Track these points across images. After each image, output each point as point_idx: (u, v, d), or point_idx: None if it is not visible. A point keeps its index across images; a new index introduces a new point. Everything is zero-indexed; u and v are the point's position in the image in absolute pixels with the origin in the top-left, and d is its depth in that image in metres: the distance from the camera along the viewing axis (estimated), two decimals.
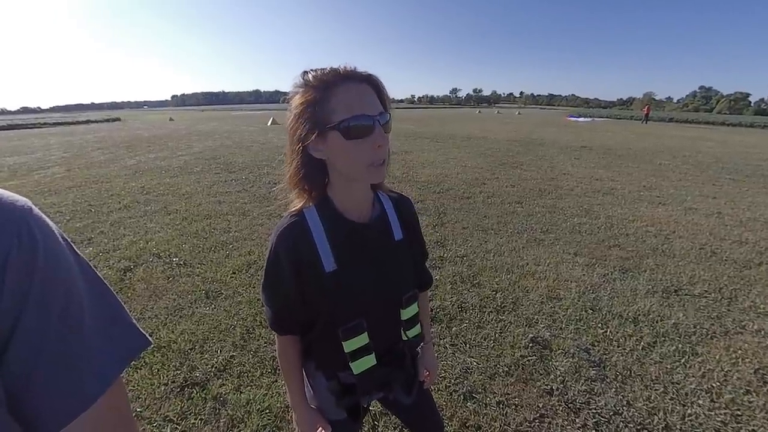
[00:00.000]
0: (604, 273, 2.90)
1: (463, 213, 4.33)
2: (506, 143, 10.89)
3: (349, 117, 0.56)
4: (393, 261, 0.73)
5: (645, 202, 4.88)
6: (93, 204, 4.69)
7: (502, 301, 2.49)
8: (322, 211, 0.66)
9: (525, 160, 7.90)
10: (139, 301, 2.47)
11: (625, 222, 4.09)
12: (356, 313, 0.69)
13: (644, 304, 2.46)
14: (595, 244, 3.47)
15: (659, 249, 3.37)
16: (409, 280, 0.77)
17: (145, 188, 5.47)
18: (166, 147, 10.21)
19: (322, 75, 0.58)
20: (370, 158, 0.59)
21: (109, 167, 7.24)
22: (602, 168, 7.22)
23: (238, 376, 1.79)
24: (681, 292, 2.62)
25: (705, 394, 1.70)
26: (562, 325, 2.24)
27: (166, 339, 2.06)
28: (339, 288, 0.66)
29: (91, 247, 3.34)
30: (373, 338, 0.70)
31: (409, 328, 0.78)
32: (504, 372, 1.84)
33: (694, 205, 4.75)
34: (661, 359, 1.94)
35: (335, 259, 0.66)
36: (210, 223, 3.93)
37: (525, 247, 3.39)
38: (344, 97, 0.57)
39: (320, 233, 0.65)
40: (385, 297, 0.73)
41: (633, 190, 5.54)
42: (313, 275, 0.66)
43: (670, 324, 2.24)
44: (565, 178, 6.22)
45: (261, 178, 6.02)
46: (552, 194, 5.21)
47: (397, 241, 0.74)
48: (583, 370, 1.86)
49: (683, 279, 2.80)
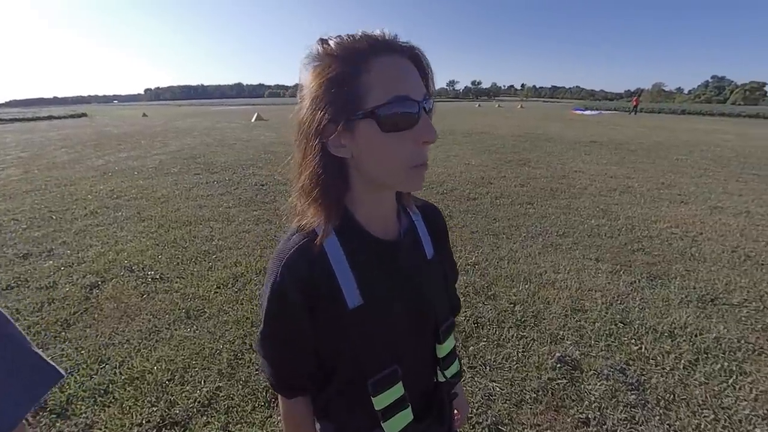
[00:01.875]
0: (630, 281, 2.83)
1: (471, 216, 4.25)
2: (510, 139, 10.90)
3: (389, 101, 0.45)
4: (428, 285, 0.62)
5: (666, 201, 4.86)
6: (54, 210, 4.50)
7: (522, 314, 2.40)
8: (342, 228, 0.54)
9: (532, 157, 7.88)
10: (107, 323, 2.32)
11: (647, 223, 4.05)
12: (388, 358, 0.57)
13: (679, 315, 2.39)
14: (617, 249, 3.41)
15: (688, 253, 3.32)
16: (445, 307, 0.66)
17: (114, 192, 5.28)
18: (139, 145, 9.98)
19: (351, 43, 0.46)
20: (412, 158, 0.48)
21: (74, 168, 7.01)
22: (615, 164, 7.23)
23: (225, 411, 1.66)
24: (718, 301, 2.56)
25: (762, 420, 1.62)
26: (591, 342, 2.15)
27: (139, 369, 1.92)
28: (366, 327, 0.55)
29: (51, 260, 3.17)
30: (408, 387, 0.58)
31: (447, 366, 0.66)
32: (531, 398, 1.74)
33: (720, 204, 4.74)
34: (707, 380, 1.86)
35: (360, 291, 0.54)
36: (190, 231, 3.77)
37: (541, 253, 3.31)
38: (382, 75, 0.45)
39: (340, 258, 0.53)
40: (421, 330, 0.62)
41: (651, 187, 5.53)
42: (333, 315, 0.54)
43: (711, 338, 2.17)
44: (577, 176, 6.20)
45: (246, 179, 5.87)
46: (565, 194, 5.17)
47: (429, 259, 0.63)
48: (620, 394, 1.77)
49: (718, 286, 2.74)
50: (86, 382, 1.84)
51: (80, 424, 1.61)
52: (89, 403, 1.72)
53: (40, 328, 2.28)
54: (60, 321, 2.34)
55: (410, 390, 0.59)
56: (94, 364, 1.97)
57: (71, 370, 1.92)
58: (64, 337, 2.20)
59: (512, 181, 5.82)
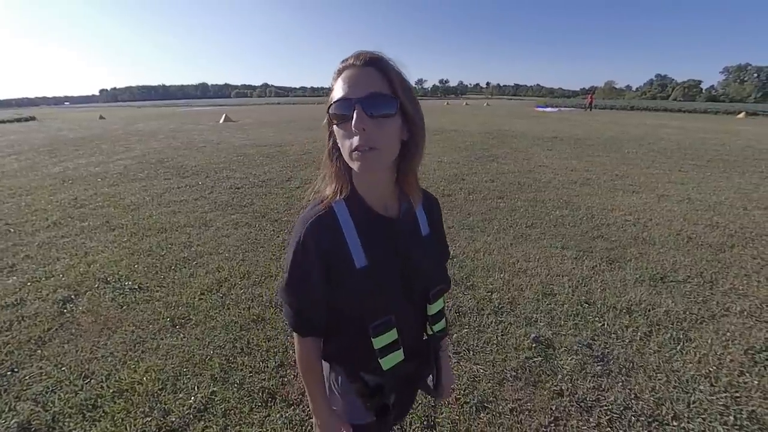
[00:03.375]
0: (592, 265, 3.08)
1: (447, 211, 4.40)
2: (479, 136, 11.26)
3: (333, 103, 0.60)
4: (422, 256, 0.75)
5: (620, 191, 5.27)
6: (11, 222, 4.18)
7: (499, 301, 2.56)
8: (351, 203, 0.68)
9: (500, 153, 8.22)
10: (87, 337, 2.22)
11: (604, 212, 4.39)
12: (386, 310, 0.70)
13: (635, 293, 2.65)
14: (579, 236, 3.68)
15: (640, 237, 3.65)
16: (436, 275, 0.80)
17: (78, 200, 4.97)
18: (99, 150, 9.36)
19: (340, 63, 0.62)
20: (352, 143, 0.59)
21: (28, 176, 6.49)
22: (575, 158, 7.70)
23: (223, 414, 1.67)
24: (666, 279, 2.85)
25: (704, 379, 1.85)
26: (561, 322, 2.34)
27: (128, 381, 1.87)
28: (370, 285, 0.68)
29: (14, 276, 2.97)
30: (401, 333, 0.72)
31: (434, 323, 0.80)
32: (512, 377, 1.89)
33: (666, 192, 5.21)
34: (659, 348, 2.09)
35: (366, 254, 0.67)
36: (166, 238, 3.65)
37: (513, 244, 3.51)
38: (337, 84, 0.60)
39: (350, 227, 0.67)
40: (414, 292, 0.75)
41: (607, 179, 5.96)
42: (343, 271, 0.67)
43: (661, 312, 2.42)
44: (542, 170, 6.55)
45: (220, 183, 5.71)
46: (531, 187, 5.46)
47: (424, 236, 0.77)
48: (588, 366, 1.96)
49: (666, 266, 3.05)
50: (71, 399, 1.77)
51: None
52: (78, 419, 1.67)
53: (12, 347, 2.15)
54: (33, 339, 2.22)
55: (402, 336, 0.73)
56: (78, 380, 1.89)
57: (54, 388, 1.84)
58: (41, 354, 2.09)
59: (483, 176, 6.06)
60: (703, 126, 16.26)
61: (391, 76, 0.59)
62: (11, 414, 1.70)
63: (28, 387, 1.86)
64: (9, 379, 1.91)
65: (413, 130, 0.64)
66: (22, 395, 1.81)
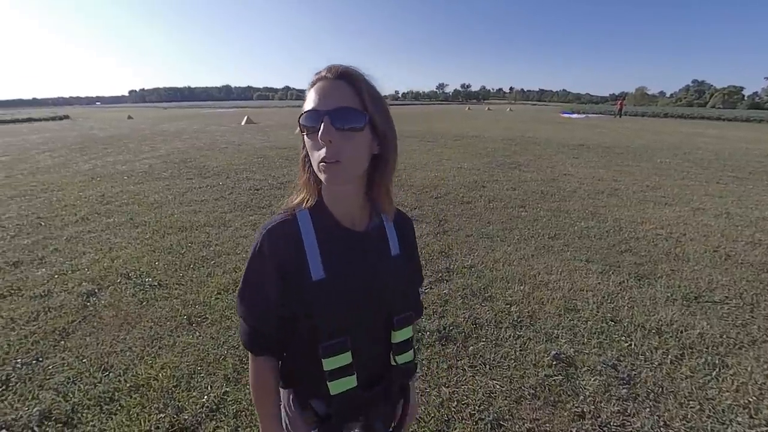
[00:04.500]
0: (619, 281, 2.96)
1: (465, 219, 4.35)
2: (501, 142, 11.12)
3: (303, 114, 0.60)
4: (387, 275, 0.71)
5: (651, 203, 5.06)
6: (43, 216, 4.43)
7: (518, 315, 2.50)
8: (316, 213, 0.67)
9: (523, 161, 8.07)
10: (108, 331, 2.32)
11: (633, 225, 4.22)
12: (340, 329, 0.66)
13: (666, 313, 2.52)
14: (606, 250, 3.55)
15: (672, 253, 3.48)
16: (403, 299, 0.75)
17: (105, 197, 5.22)
18: (127, 149, 9.83)
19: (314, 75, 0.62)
20: (321, 154, 0.59)
21: (60, 172, 6.89)
22: (602, 167, 7.47)
23: (234, 415, 1.69)
24: (701, 299, 2.70)
25: (743, 410, 1.74)
26: (584, 339, 2.26)
27: (144, 376, 1.93)
28: (324, 299, 0.65)
29: (43, 268, 3.14)
30: (357, 357, 0.68)
31: (399, 353, 0.75)
32: (530, 395, 1.83)
33: (702, 206, 4.96)
34: (692, 373, 1.98)
35: (324, 266, 0.65)
36: (186, 237, 3.77)
37: (534, 255, 3.43)
38: (309, 96, 0.61)
39: (311, 236, 0.65)
40: (375, 315, 0.71)
41: (637, 190, 5.74)
42: (298, 283, 0.64)
43: (695, 334, 2.30)
44: (567, 179, 6.39)
45: (240, 184, 5.86)
46: (555, 196, 5.33)
47: (393, 255, 0.73)
48: (612, 388, 1.87)
49: (701, 285, 2.90)
50: (90, 391, 1.85)
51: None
52: (95, 411, 1.73)
53: (38, 337, 2.26)
54: (58, 330, 2.34)
55: (359, 361, 0.68)
56: (98, 372, 1.97)
57: (75, 379, 1.93)
58: (64, 346, 2.20)
59: (504, 184, 5.97)
60: (745, 135, 15.44)
61: (361, 90, 0.60)
62: (34, 402, 1.79)
63: (50, 377, 1.95)
64: (34, 368, 2.01)
65: (384, 144, 0.63)
66: (45, 384, 1.90)
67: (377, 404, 0.76)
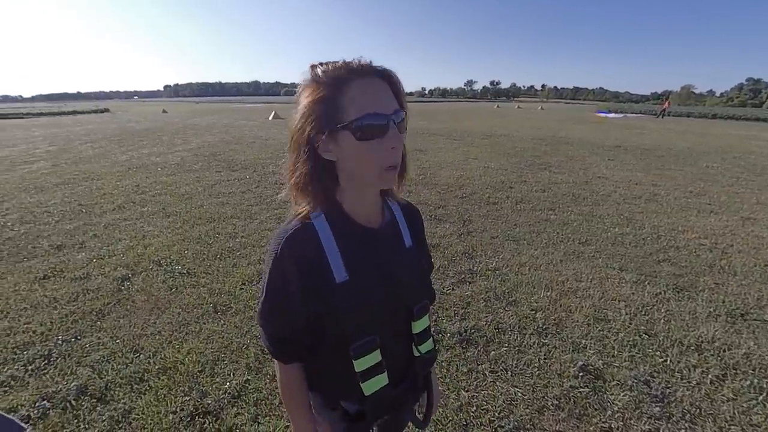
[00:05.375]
0: (656, 292, 2.81)
1: (491, 221, 4.26)
2: (531, 142, 10.79)
3: (361, 116, 0.56)
4: (404, 268, 0.72)
5: (694, 211, 4.76)
6: (84, 204, 4.74)
7: (543, 322, 2.42)
8: (331, 215, 0.65)
9: (554, 161, 7.80)
10: (139, 315, 2.46)
11: (673, 233, 3.98)
12: (369, 327, 0.67)
13: (707, 329, 2.37)
14: (642, 258, 3.37)
15: (717, 265, 3.26)
16: (420, 289, 0.77)
17: (139, 187, 5.52)
18: (161, 141, 10.34)
19: (334, 70, 0.58)
20: (383, 161, 0.59)
21: (99, 163, 7.34)
22: (641, 171, 7.09)
23: (254, 403, 1.75)
24: (749, 316, 2.51)
25: None
26: (615, 352, 2.16)
27: (171, 359, 2.04)
28: (350, 300, 0.65)
29: (83, 252, 3.36)
30: (385, 355, 0.69)
31: (420, 342, 0.76)
32: (553, 405, 1.78)
33: (752, 215, 4.61)
34: (735, 396, 1.85)
35: (346, 268, 0.64)
36: (214, 227, 3.93)
37: (563, 261, 3.31)
38: (357, 95, 0.57)
39: (329, 240, 0.64)
40: (397, 308, 0.72)
41: (679, 196, 5.41)
42: (322, 287, 0.64)
43: (740, 354, 2.14)
44: (600, 182, 6.11)
45: (266, 178, 6.03)
46: (587, 200, 5.12)
47: (408, 248, 0.74)
48: (644, 405, 1.78)
49: (749, 301, 2.69)
50: (122, 370, 1.97)
51: (119, 409, 1.73)
52: (126, 390, 1.85)
53: (77, 317, 2.43)
54: (95, 311, 2.50)
55: (387, 359, 0.69)
56: (129, 353, 2.10)
57: (109, 358, 2.06)
58: (100, 326, 2.35)
59: (533, 185, 5.79)
60: None
61: (399, 91, 0.60)
62: (72, 377, 1.92)
63: (87, 354, 2.10)
64: (72, 345, 2.17)
65: None
66: (82, 361, 2.04)
67: (407, 400, 0.78)
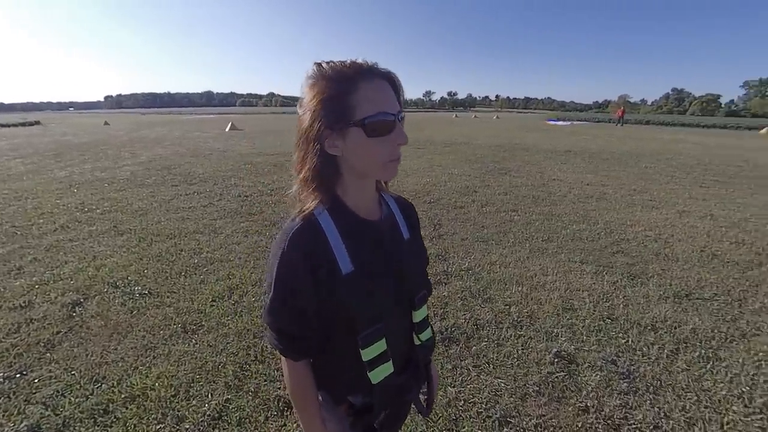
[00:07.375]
0: (613, 281, 3.08)
1: (460, 224, 4.44)
2: (490, 149, 11.38)
3: (373, 114, 0.60)
4: (404, 259, 0.76)
5: (639, 207, 5.27)
6: (18, 225, 4.29)
7: (517, 315, 2.57)
8: (334, 210, 0.68)
9: (512, 166, 8.29)
10: (97, 342, 2.26)
11: (623, 227, 4.39)
12: (375, 317, 0.70)
13: (659, 310, 2.64)
14: (598, 251, 3.68)
15: (662, 253, 3.64)
16: (419, 279, 0.82)
17: (84, 204, 5.09)
18: (105, 155, 9.61)
19: (343, 68, 0.61)
20: (389, 155, 0.64)
21: (33, 180, 6.68)
22: (590, 173, 7.74)
23: (238, 423, 1.68)
24: (692, 296, 2.84)
25: (737, 399, 1.84)
26: (583, 337, 2.34)
27: (139, 386, 1.90)
28: (357, 290, 0.67)
29: (22, 279, 3.04)
30: (389, 344, 0.72)
31: (420, 330, 0.81)
32: (534, 392, 1.89)
33: (687, 208, 5.21)
34: (688, 366, 2.08)
35: (351, 260, 0.67)
36: (175, 244, 3.72)
37: (530, 257, 3.52)
38: (367, 93, 0.60)
39: (334, 233, 0.66)
40: (401, 297, 0.76)
41: (624, 194, 5.97)
42: (330, 279, 0.66)
43: (688, 330, 2.41)
44: (556, 184, 6.59)
45: (229, 191, 5.82)
46: (546, 201, 5.49)
47: (406, 239, 0.79)
48: (613, 383, 1.95)
49: (691, 283, 3.04)
50: (82, 403, 1.80)
51: None
52: (89, 424, 1.69)
53: (21, 350, 2.19)
54: (42, 342, 2.26)
55: (391, 347, 0.73)
56: (89, 385, 1.92)
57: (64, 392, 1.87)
58: (50, 358, 2.13)
59: (496, 189, 6.11)
60: (724, 141, 16.25)
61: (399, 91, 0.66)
62: (20, 417, 1.73)
63: (37, 390, 1.89)
64: (18, 382, 1.94)
65: None
66: (32, 398, 1.84)
67: (411, 388, 0.81)
